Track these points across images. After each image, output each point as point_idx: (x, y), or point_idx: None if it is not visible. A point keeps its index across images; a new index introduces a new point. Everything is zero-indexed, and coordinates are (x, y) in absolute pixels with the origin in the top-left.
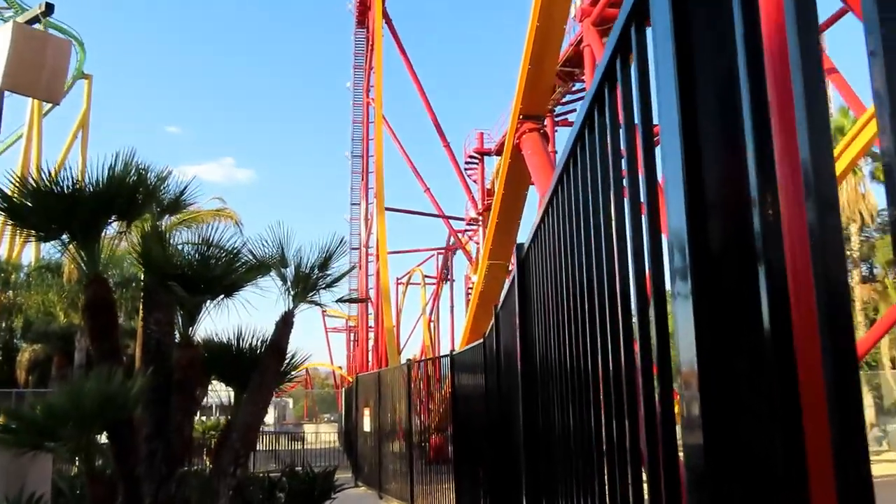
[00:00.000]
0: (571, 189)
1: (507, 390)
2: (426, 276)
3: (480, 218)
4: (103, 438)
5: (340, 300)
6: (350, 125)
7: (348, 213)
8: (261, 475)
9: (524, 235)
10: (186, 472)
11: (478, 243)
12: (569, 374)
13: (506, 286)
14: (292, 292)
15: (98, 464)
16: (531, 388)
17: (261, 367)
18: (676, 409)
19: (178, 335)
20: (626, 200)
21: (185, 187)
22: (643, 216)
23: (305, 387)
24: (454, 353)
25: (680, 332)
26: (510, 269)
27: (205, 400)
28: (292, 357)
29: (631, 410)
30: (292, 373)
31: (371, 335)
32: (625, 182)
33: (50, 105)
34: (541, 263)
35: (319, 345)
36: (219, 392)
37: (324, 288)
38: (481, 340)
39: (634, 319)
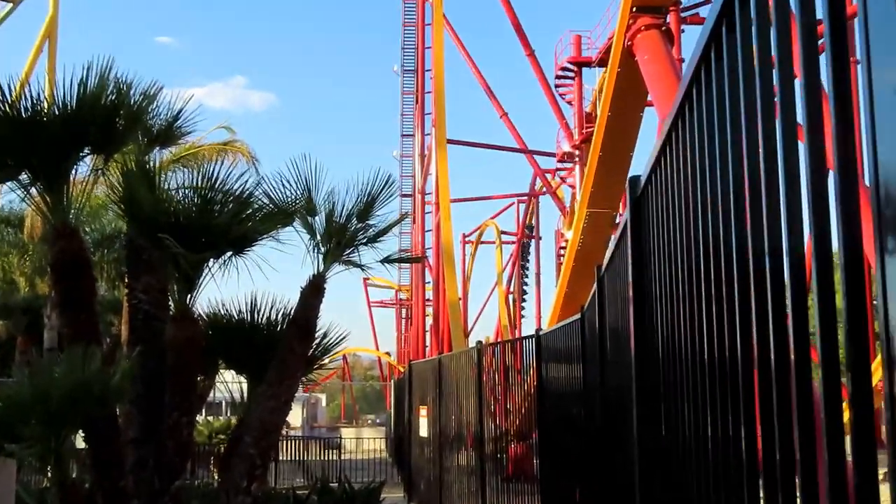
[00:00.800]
0: (705, 107)
1: (615, 385)
2: (502, 233)
3: (577, 152)
4: (80, 442)
5: (388, 260)
6: (400, 29)
7: (398, 147)
8: (284, 491)
9: (638, 172)
10: (186, 486)
11: (573, 187)
12: (707, 364)
13: (612, 242)
14: (323, 249)
15: (73, 474)
16: (649, 382)
17: (282, 350)
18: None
19: (172, 306)
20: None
21: (181, 111)
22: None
23: (343, 379)
24: (540, 332)
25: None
26: (618, 218)
27: (211, 394)
28: (324, 337)
29: (803, 417)
30: (325, 359)
31: (429, 311)
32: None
33: (8, 8)
34: (664, 209)
35: (361, 324)
36: (228, 384)
37: (364, 244)
38: (577, 316)
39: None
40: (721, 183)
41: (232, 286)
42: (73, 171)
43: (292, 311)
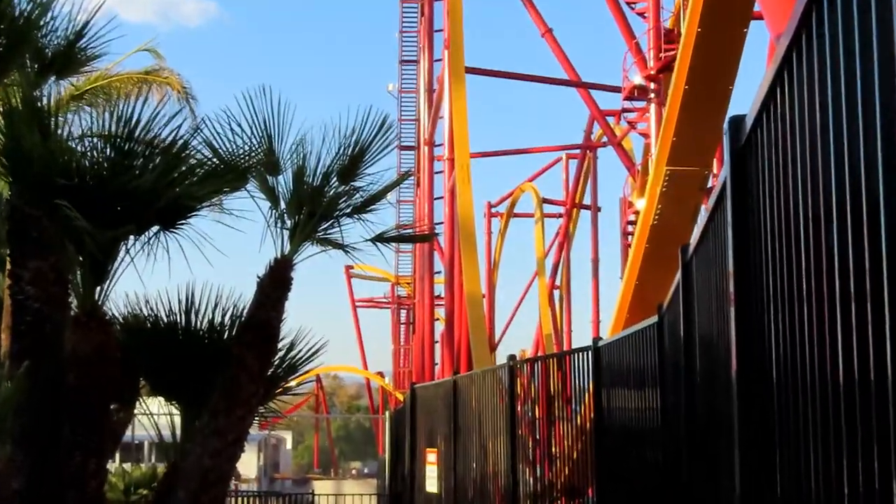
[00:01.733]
0: (841, 14)
1: (708, 419)
2: (544, 201)
3: (652, 86)
4: None
5: (382, 239)
6: None
7: (395, 79)
8: None
9: (742, 111)
10: None
11: (646, 136)
12: (851, 391)
13: (703, 214)
14: (289, 222)
15: None
16: (759, 415)
17: (231, 368)
18: None
19: (75, 303)
20: None
21: (87, 26)
22: None
23: (317, 410)
24: (599, 343)
25: None
26: (711, 180)
27: (128, 430)
28: (290, 349)
29: None
30: (291, 381)
31: (439, 313)
32: None
33: None
34: (781, 163)
35: (343, 331)
36: (154, 416)
37: (349, 214)
38: (652, 320)
39: None
40: (874, 123)
41: (160, 276)
42: None
43: (245, 310)
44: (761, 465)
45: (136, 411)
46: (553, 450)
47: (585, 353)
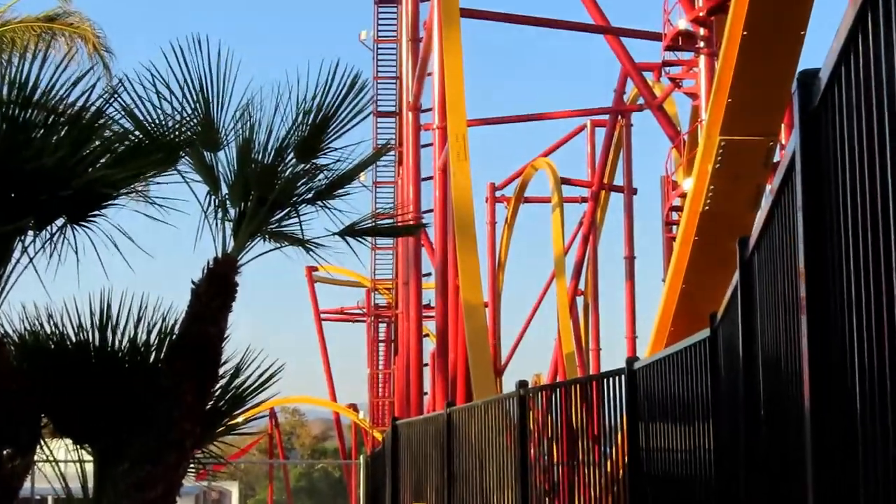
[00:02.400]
0: None
1: (775, 462)
2: (564, 182)
3: (701, 33)
4: None
5: (354, 232)
6: None
7: (370, 25)
8: None
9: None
10: None
11: (694, 96)
12: None
13: (767, 196)
14: (232, 211)
15: None
16: (841, 460)
17: (160, 399)
18: None
19: None
20: None
21: None
22: None
23: (271, 454)
24: (635, 364)
25: None
26: (778, 151)
27: (26, 481)
28: (235, 374)
29: None
30: (238, 415)
31: (429, 327)
32: None
33: None
34: (867, 128)
35: (305, 354)
36: (59, 463)
37: (311, 200)
38: (703, 334)
39: None
40: None
41: (68, 282)
42: None
43: (177, 326)
44: None
45: (36, 458)
46: (576, 502)
47: (618, 377)
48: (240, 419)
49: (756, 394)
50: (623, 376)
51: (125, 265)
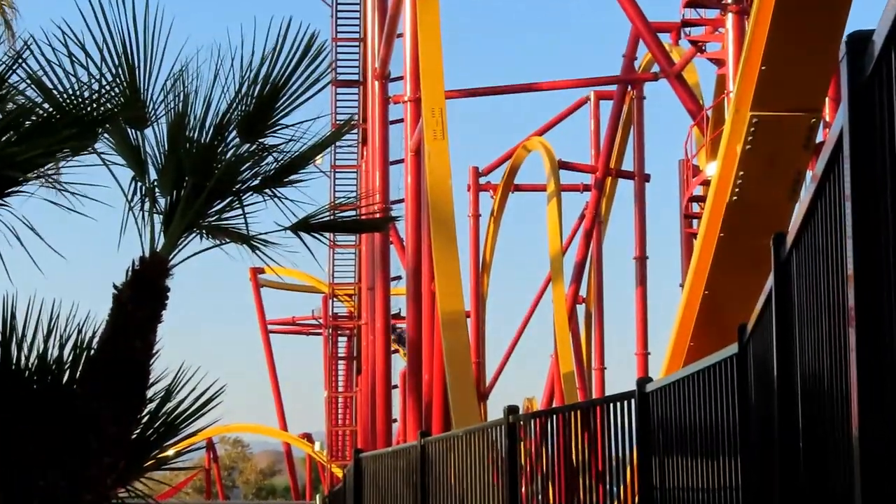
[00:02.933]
0: None
1: None
2: (562, 166)
3: None
4: None
5: (309, 227)
6: None
7: None
8: None
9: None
10: None
11: (720, 62)
12: None
13: (809, 186)
14: (162, 201)
15: None
16: None
17: (72, 427)
18: None
19: None
20: None
21: None
22: None
23: (209, 493)
24: (647, 387)
25: None
26: (821, 130)
27: None
28: (166, 398)
29: None
30: (168, 448)
31: (397, 339)
32: None
33: None
34: None
35: (250, 375)
36: None
37: (258, 188)
38: (730, 351)
39: None
40: None
41: None
42: None
43: (96, 339)
44: None
45: None
46: None
47: (627, 402)
48: (171, 451)
49: (794, 423)
50: (633, 401)
51: (32, 266)
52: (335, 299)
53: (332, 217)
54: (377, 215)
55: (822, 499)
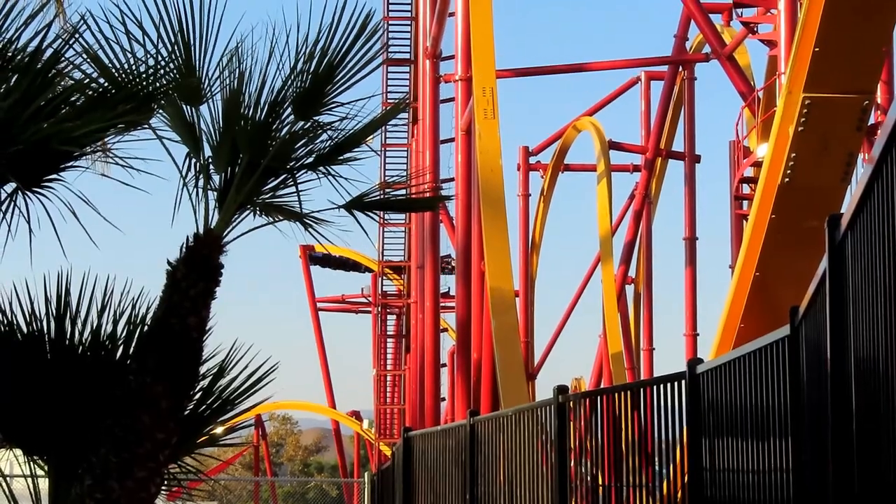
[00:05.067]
0: None
1: (870, 491)
2: (613, 146)
3: None
4: None
5: (363, 206)
6: None
7: None
8: None
9: None
10: None
11: (772, 44)
12: None
13: (865, 167)
14: (217, 178)
15: None
16: None
17: (126, 403)
18: None
19: None
20: None
21: None
22: None
23: (256, 471)
24: (698, 368)
25: None
26: (875, 113)
27: None
28: (219, 374)
29: None
30: (219, 425)
31: (448, 319)
32: None
33: None
34: None
35: (299, 352)
36: (8, 480)
37: (311, 166)
38: (782, 333)
39: None
40: None
41: (18, 261)
42: None
43: (150, 315)
44: None
45: None
46: None
47: (676, 383)
48: (219, 429)
49: (847, 406)
50: (684, 382)
51: (88, 241)
52: (385, 277)
53: (386, 196)
54: (427, 194)
55: (876, 483)
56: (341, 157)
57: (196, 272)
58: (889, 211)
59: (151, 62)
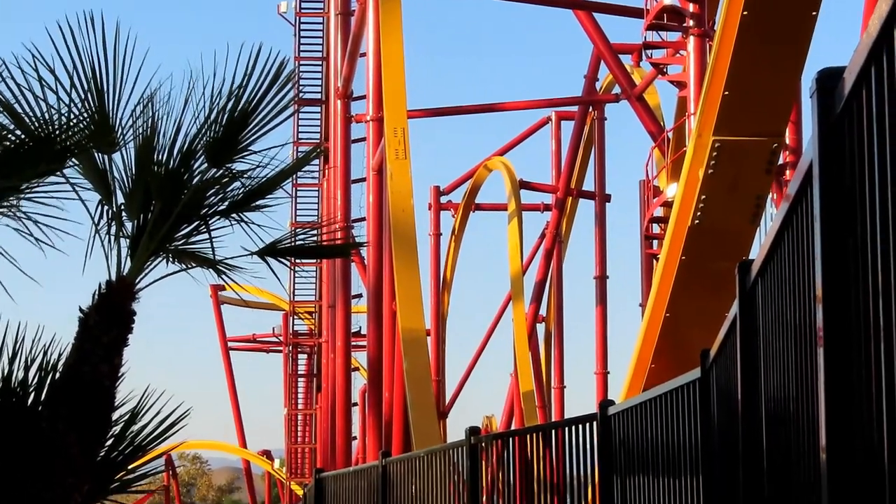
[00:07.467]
0: None
1: None
2: (522, 186)
3: (691, 8)
4: None
5: (276, 253)
6: None
7: None
8: None
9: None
10: None
11: (682, 85)
12: None
13: (771, 209)
14: (129, 225)
15: None
16: None
17: (37, 450)
18: None
19: None
20: None
21: None
22: None
23: None
24: (610, 409)
25: None
26: (783, 155)
27: None
28: (131, 420)
29: None
30: (133, 468)
31: (359, 358)
32: None
33: None
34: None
35: (209, 392)
36: None
37: (224, 212)
38: (693, 375)
39: None
40: None
41: None
42: None
43: (62, 362)
44: None
45: None
46: None
47: (588, 424)
48: (129, 467)
49: (757, 448)
50: (595, 423)
51: None
52: (295, 317)
53: (296, 242)
54: (339, 241)
55: None
56: (254, 204)
57: (108, 319)
58: (800, 257)
59: (65, 111)
